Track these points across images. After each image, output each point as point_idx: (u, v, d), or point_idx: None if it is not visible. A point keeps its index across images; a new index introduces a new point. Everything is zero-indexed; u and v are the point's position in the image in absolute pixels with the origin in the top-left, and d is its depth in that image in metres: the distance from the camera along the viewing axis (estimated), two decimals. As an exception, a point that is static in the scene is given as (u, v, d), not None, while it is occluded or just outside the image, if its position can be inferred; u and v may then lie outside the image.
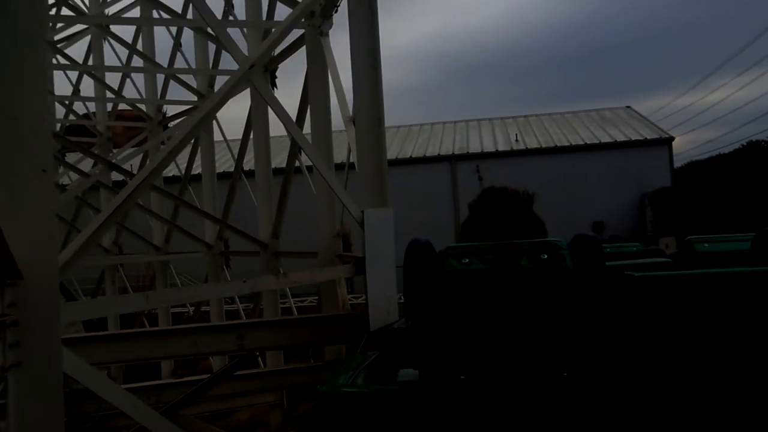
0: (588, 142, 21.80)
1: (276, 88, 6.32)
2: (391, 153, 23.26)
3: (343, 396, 1.58)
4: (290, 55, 6.11)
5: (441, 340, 1.53)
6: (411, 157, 22.76)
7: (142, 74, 9.31)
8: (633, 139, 21.63)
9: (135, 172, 6.49)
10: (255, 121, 6.69)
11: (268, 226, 6.63)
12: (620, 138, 21.83)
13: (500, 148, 22.55)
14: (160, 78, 9.05)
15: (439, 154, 22.67)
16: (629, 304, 1.44)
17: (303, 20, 5.01)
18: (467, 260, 1.54)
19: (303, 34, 5.33)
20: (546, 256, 1.51)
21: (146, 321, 10.35)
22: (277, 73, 6.36)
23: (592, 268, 1.53)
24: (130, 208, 5.13)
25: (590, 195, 20.82)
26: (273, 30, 5.30)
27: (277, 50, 6.04)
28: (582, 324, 1.47)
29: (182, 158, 8.85)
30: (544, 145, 22.17)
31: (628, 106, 26.10)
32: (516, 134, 23.58)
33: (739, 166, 18.33)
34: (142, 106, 9.52)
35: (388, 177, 4.27)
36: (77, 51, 27.79)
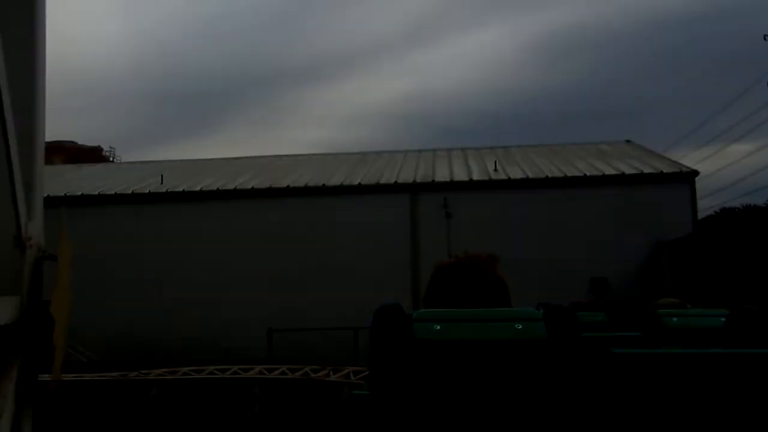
0: (588, 174, 16.96)
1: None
2: (336, 179, 18.14)
3: None
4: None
5: (404, 411, 1.43)
6: (360, 184, 17.65)
7: None
8: (645, 172, 16.87)
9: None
10: None
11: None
12: (628, 171, 17.05)
13: (475, 178, 17.59)
14: None
15: (396, 182, 17.59)
16: (607, 379, 1.43)
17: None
18: (438, 327, 1.44)
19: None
20: (520, 327, 1.43)
21: None
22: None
23: (567, 340, 1.43)
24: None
25: (589, 241, 15.87)
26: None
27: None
28: (558, 397, 1.40)
29: None
30: (531, 176, 17.27)
31: (628, 141, 21.49)
32: (495, 162, 18.69)
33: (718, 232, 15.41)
34: None
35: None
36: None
